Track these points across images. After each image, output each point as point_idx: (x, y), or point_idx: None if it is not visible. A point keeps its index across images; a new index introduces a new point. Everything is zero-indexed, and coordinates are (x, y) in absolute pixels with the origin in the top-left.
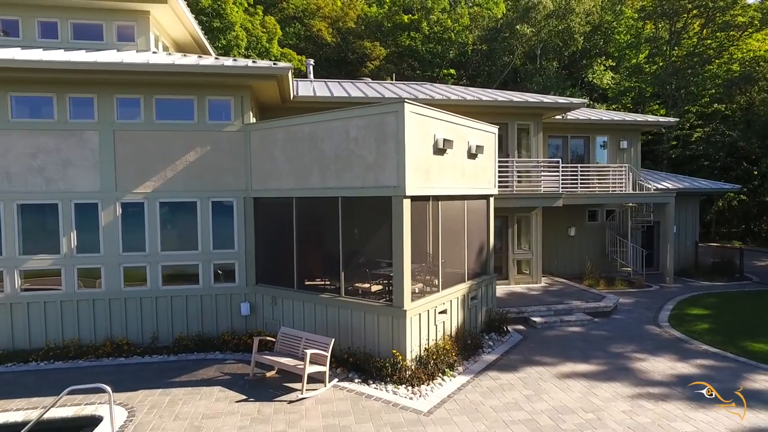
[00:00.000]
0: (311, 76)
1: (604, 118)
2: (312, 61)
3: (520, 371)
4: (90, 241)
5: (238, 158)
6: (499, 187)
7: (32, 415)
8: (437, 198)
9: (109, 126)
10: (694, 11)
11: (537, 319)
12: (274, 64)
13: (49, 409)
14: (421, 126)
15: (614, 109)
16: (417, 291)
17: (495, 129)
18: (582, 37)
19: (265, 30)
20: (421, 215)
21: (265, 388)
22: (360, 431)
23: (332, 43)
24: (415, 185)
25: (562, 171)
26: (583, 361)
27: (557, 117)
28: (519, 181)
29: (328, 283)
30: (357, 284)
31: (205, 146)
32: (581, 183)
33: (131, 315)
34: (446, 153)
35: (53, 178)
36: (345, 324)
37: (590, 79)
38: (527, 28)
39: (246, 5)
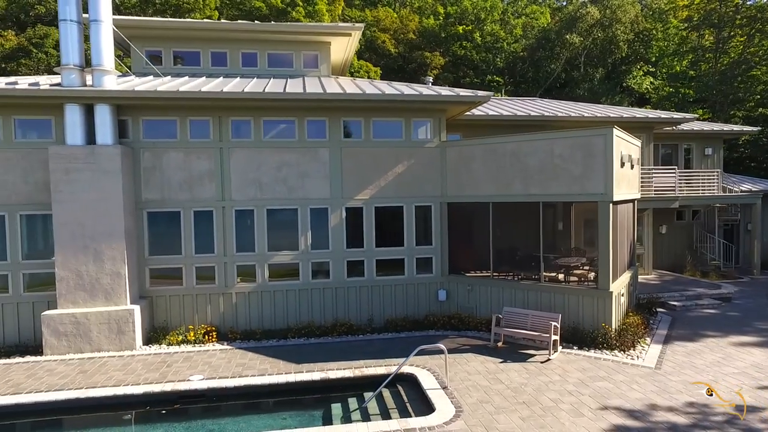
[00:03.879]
0: None
1: (695, 128)
2: (431, 78)
3: (698, 342)
4: (321, 240)
5: (435, 169)
6: None
7: (357, 372)
8: (619, 202)
9: (337, 144)
10: (739, 21)
11: (675, 303)
12: (477, 93)
13: (401, 366)
14: (616, 144)
15: None
16: (593, 277)
17: (639, 142)
18: (626, 45)
19: None
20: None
21: (506, 354)
22: (616, 379)
23: (394, 54)
24: (616, 192)
25: (663, 175)
26: (742, 334)
27: (667, 129)
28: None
29: (516, 272)
30: (543, 273)
31: (410, 160)
32: (680, 187)
33: (351, 301)
34: (624, 165)
35: (294, 187)
36: (547, 305)
37: (630, 84)
38: (576, 37)
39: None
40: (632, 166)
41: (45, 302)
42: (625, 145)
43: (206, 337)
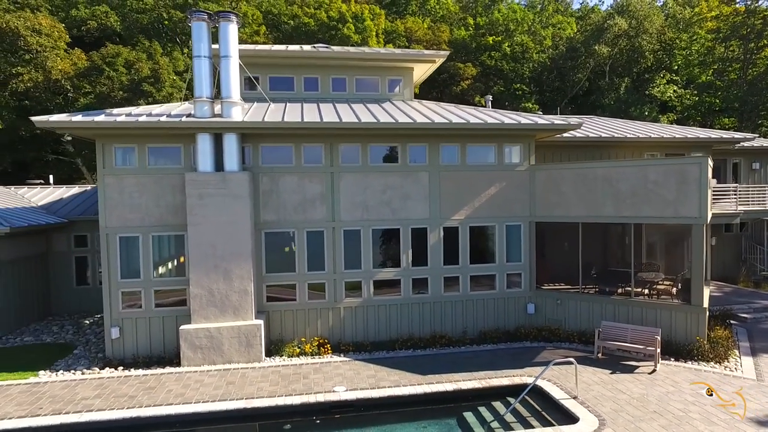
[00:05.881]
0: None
1: (745, 145)
2: (490, 98)
3: None
4: (420, 257)
5: (524, 191)
6: None
7: (484, 383)
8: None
9: (435, 168)
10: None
11: (745, 315)
12: (569, 121)
13: (539, 376)
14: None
15: (684, 123)
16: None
17: (712, 163)
18: (652, 55)
19: None
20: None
21: (610, 365)
22: (727, 390)
23: None
24: (709, 215)
25: (721, 190)
26: None
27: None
28: None
29: (602, 286)
30: (626, 287)
31: (501, 182)
32: (739, 201)
33: (447, 314)
34: (710, 187)
35: (397, 208)
36: (637, 319)
37: (654, 93)
38: (604, 47)
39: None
40: (710, 187)
41: (174, 317)
42: (709, 169)
43: (321, 349)
